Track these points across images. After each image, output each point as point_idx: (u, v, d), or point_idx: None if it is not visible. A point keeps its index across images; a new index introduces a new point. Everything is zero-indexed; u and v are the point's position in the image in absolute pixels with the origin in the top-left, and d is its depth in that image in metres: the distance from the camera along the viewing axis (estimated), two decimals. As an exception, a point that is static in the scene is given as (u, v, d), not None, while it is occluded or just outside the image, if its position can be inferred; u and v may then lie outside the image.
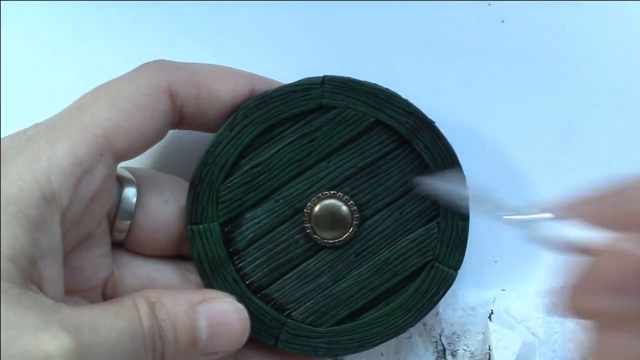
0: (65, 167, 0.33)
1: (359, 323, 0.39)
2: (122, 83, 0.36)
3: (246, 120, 0.37)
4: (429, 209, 0.39)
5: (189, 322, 0.35)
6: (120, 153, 0.35)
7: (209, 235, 0.38)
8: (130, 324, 0.33)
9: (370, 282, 0.39)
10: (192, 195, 0.37)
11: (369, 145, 0.38)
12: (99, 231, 0.36)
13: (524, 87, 0.42)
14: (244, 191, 0.38)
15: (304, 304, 0.38)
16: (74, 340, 0.30)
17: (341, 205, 0.38)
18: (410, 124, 0.38)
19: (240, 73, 0.38)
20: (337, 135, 0.38)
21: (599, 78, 0.42)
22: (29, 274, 0.32)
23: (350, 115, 0.38)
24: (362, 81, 0.38)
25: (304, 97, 0.37)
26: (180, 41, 0.41)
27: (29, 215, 0.32)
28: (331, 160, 0.38)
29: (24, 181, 0.32)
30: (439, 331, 0.42)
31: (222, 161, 0.37)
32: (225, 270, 0.38)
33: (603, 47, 0.42)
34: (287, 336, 0.38)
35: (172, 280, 0.38)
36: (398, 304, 0.39)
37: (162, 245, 0.38)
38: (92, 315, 0.32)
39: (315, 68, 0.38)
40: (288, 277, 0.38)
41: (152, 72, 0.36)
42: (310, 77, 0.38)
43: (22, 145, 0.34)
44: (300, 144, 0.38)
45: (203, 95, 0.37)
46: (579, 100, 0.42)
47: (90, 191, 0.34)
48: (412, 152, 0.38)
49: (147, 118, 0.35)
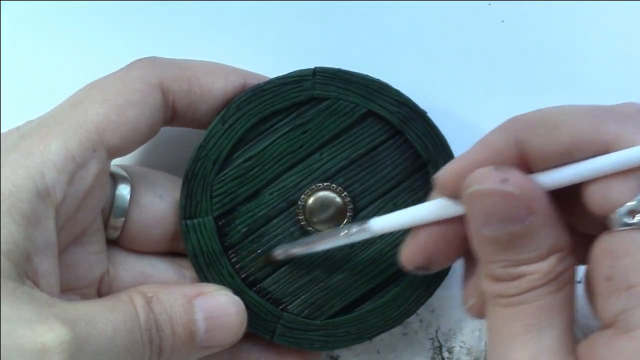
0: (58, 162, 0.33)
1: (355, 315, 0.39)
2: (114, 79, 0.36)
3: (238, 113, 0.37)
4: (423, 199, 0.38)
5: (185, 315, 0.35)
6: (113, 148, 0.35)
7: (204, 229, 0.38)
8: (127, 318, 0.33)
9: (366, 274, 0.39)
10: (186, 190, 0.38)
11: (362, 136, 0.38)
12: (93, 228, 0.36)
13: (523, 86, 0.42)
14: (237, 184, 0.38)
15: (299, 297, 0.38)
16: (71, 332, 0.30)
17: (335, 196, 0.38)
18: (402, 114, 0.38)
19: (231, 69, 0.38)
20: (329, 126, 0.38)
21: (599, 78, 0.42)
22: (24, 269, 0.32)
23: (342, 106, 0.38)
24: (354, 72, 0.38)
25: (295, 89, 0.38)
26: (172, 39, 0.42)
27: (22, 210, 0.32)
28: (324, 152, 0.38)
29: (18, 177, 0.33)
30: (435, 328, 0.42)
31: (215, 155, 0.37)
32: (220, 264, 0.38)
33: (603, 47, 0.42)
34: (284, 329, 0.38)
35: (168, 277, 0.38)
36: (394, 295, 0.39)
37: (157, 241, 0.38)
38: (88, 309, 0.32)
39: (306, 60, 0.38)
40: (283, 270, 0.38)
41: (144, 68, 0.36)
42: (301, 69, 0.38)
43: (16, 142, 0.34)
44: (292, 136, 0.38)
45: (195, 90, 0.37)
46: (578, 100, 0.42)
47: (83, 186, 0.34)
48: (405, 143, 0.38)
49: (139, 113, 0.35)
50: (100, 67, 0.37)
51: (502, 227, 0.30)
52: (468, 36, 0.42)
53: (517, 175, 0.30)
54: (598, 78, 0.42)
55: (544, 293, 0.30)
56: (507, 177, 0.30)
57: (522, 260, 0.30)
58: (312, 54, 0.41)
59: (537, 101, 0.41)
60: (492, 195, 0.30)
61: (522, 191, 0.30)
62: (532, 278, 0.30)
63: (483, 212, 0.30)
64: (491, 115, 0.42)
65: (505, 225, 0.30)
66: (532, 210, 0.30)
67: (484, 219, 0.30)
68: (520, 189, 0.30)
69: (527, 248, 0.30)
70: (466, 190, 0.30)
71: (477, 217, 0.31)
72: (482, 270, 0.32)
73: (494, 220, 0.30)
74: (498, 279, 0.31)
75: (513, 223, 0.30)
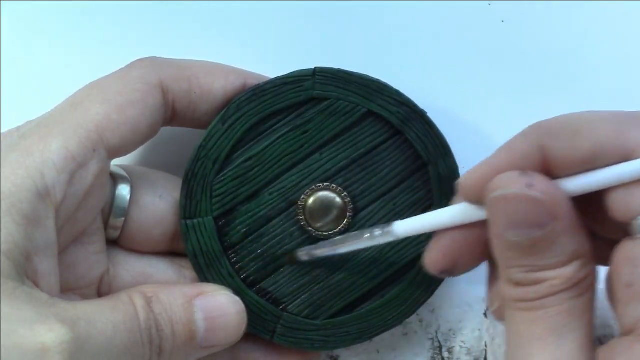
0: (58, 162, 0.33)
1: (355, 315, 0.39)
2: (114, 79, 0.36)
3: (239, 113, 0.37)
4: (423, 199, 0.39)
5: (185, 315, 0.35)
6: (113, 148, 0.35)
7: (204, 229, 0.38)
8: (127, 318, 0.33)
9: (366, 274, 0.39)
10: (186, 189, 0.38)
11: (362, 136, 0.38)
12: (93, 228, 0.36)
13: (523, 86, 0.42)
14: (237, 185, 0.38)
15: (299, 297, 0.38)
16: (71, 332, 0.30)
17: (335, 197, 0.38)
18: (402, 114, 0.38)
19: (231, 69, 0.38)
20: (329, 126, 0.38)
21: (599, 78, 0.42)
22: (24, 269, 0.32)
23: (342, 106, 0.38)
24: (353, 72, 0.38)
25: (295, 89, 0.38)
26: (172, 39, 0.42)
27: (22, 210, 0.32)
28: (324, 152, 0.38)
29: (17, 176, 0.33)
30: (435, 328, 0.42)
31: (215, 155, 0.38)
32: (220, 264, 0.38)
33: (603, 47, 0.42)
34: (284, 330, 0.38)
35: (168, 277, 0.38)
36: (394, 295, 0.39)
37: (157, 241, 0.38)
38: (88, 309, 0.32)
39: (306, 60, 0.38)
40: (283, 270, 0.38)
41: (144, 68, 0.36)
42: (301, 69, 0.38)
43: (16, 142, 0.34)
44: (292, 136, 0.38)
45: (195, 90, 0.37)
46: (578, 100, 0.42)
47: (84, 186, 0.34)
48: (405, 143, 0.38)
49: (139, 113, 0.35)
50: (100, 67, 0.37)
51: (526, 233, 0.30)
52: (468, 36, 0.42)
53: (543, 180, 0.30)
54: (598, 78, 0.42)
55: (565, 298, 0.30)
56: (532, 182, 0.30)
57: (544, 266, 0.30)
58: (312, 54, 0.41)
59: (537, 101, 0.42)
60: (518, 200, 0.30)
61: (547, 197, 0.30)
62: (554, 283, 0.30)
63: (507, 216, 0.30)
64: (491, 115, 0.42)
65: (528, 230, 0.30)
66: (556, 216, 0.30)
67: (508, 223, 0.30)
68: (545, 194, 0.30)
69: (549, 254, 0.30)
70: (490, 195, 0.30)
71: (500, 221, 0.30)
72: (501, 275, 0.32)
73: (518, 225, 0.30)
74: (518, 283, 0.31)
75: (537, 228, 0.30)
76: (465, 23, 0.42)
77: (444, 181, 0.38)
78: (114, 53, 0.41)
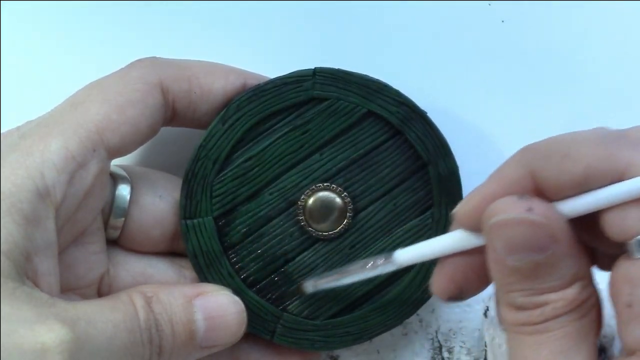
0: (58, 162, 0.33)
1: (355, 315, 0.39)
2: (114, 79, 0.36)
3: (239, 113, 0.37)
4: (423, 200, 0.39)
5: (185, 315, 0.35)
6: (113, 148, 0.35)
7: (204, 229, 0.38)
8: (127, 318, 0.33)
9: None
10: (186, 189, 0.38)
11: (362, 136, 0.38)
12: (93, 228, 0.36)
13: (523, 86, 0.42)
14: (237, 185, 0.38)
15: (299, 297, 0.38)
16: (71, 332, 0.30)
17: (335, 197, 0.38)
18: (402, 114, 0.38)
19: (231, 69, 0.38)
20: (329, 127, 0.38)
21: (599, 78, 0.42)
22: (24, 269, 0.32)
23: (342, 106, 0.38)
24: (353, 72, 0.38)
25: (295, 89, 0.38)
26: (172, 39, 0.42)
27: (22, 210, 0.32)
28: (324, 152, 0.38)
29: (17, 176, 0.33)
30: (435, 328, 0.42)
31: (215, 155, 0.38)
32: (220, 264, 0.38)
33: (603, 47, 0.42)
34: (284, 330, 0.38)
35: (168, 277, 0.38)
36: (394, 295, 0.39)
37: (157, 241, 0.38)
38: (88, 309, 0.32)
39: (306, 60, 0.38)
40: (283, 270, 0.38)
41: (144, 68, 0.36)
42: (301, 69, 0.38)
43: (16, 142, 0.34)
44: (293, 137, 0.38)
45: (195, 90, 0.37)
46: (578, 100, 0.42)
47: (84, 186, 0.34)
48: (405, 143, 0.38)
49: (139, 113, 0.35)
50: (100, 67, 0.37)
51: (527, 257, 0.30)
52: (468, 36, 0.42)
53: (541, 204, 0.30)
54: (598, 78, 0.42)
55: (570, 320, 0.30)
56: (532, 205, 0.29)
57: (546, 289, 0.30)
58: (312, 54, 0.41)
59: (537, 101, 0.42)
60: (518, 225, 0.30)
61: (547, 220, 0.29)
62: (557, 305, 0.30)
63: (507, 241, 0.30)
64: (491, 115, 0.42)
65: (530, 254, 0.30)
66: (556, 239, 0.30)
67: (509, 248, 0.30)
68: (545, 217, 0.29)
69: (550, 277, 0.30)
70: (488, 221, 0.30)
71: (500, 247, 0.30)
72: (501, 300, 0.32)
73: (519, 250, 0.30)
74: (520, 307, 0.31)
75: (538, 252, 0.30)
76: (465, 23, 0.42)
77: (444, 181, 0.38)
78: (114, 53, 0.41)
